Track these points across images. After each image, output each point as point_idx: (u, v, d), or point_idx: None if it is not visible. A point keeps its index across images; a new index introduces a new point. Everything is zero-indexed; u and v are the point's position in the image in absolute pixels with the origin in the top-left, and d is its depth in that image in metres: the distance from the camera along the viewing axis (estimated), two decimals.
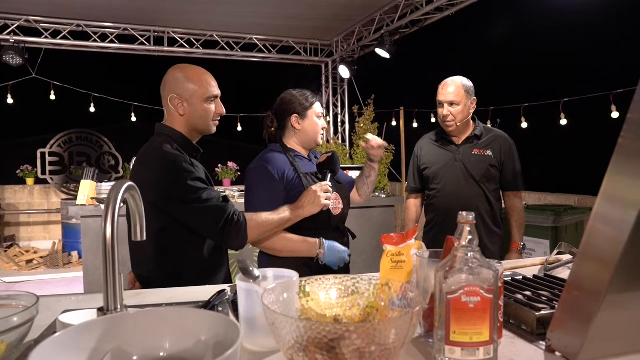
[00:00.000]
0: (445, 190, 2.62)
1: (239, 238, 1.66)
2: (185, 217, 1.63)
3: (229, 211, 1.64)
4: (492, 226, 2.63)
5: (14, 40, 6.24)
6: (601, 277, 0.83)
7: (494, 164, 2.59)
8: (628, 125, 0.81)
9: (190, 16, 6.31)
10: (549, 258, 1.71)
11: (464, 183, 2.58)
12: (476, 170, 2.57)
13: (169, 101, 1.71)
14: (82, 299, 1.39)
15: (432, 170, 2.68)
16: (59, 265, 6.53)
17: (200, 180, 1.64)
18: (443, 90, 2.59)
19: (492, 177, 2.60)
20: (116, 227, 0.88)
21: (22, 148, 9.71)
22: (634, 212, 0.77)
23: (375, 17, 6.35)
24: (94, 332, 0.75)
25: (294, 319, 0.75)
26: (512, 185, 2.66)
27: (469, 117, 2.62)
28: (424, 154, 2.75)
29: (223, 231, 1.62)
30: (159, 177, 1.60)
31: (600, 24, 10.71)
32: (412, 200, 2.85)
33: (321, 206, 1.80)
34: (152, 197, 1.54)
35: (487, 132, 2.68)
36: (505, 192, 2.69)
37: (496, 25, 12.00)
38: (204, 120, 1.74)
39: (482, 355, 0.83)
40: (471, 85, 2.60)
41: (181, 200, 1.60)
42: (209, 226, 1.63)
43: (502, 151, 2.61)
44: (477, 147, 2.61)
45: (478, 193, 2.58)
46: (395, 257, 1.10)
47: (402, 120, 6.92)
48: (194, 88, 1.70)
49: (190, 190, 1.59)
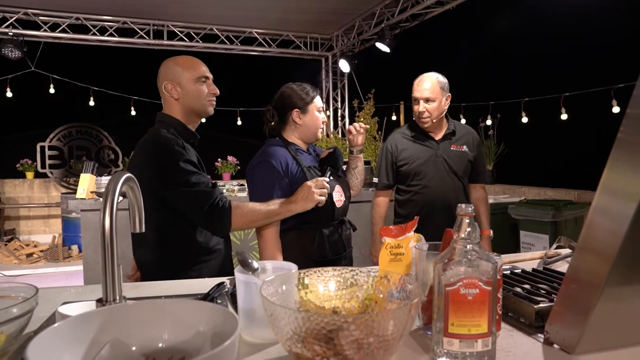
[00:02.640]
0: (430, 186, 2.63)
1: (223, 224, 1.68)
2: (173, 200, 1.65)
3: (215, 196, 1.66)
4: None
5: (13, 34, 6.22)
6: (600, 269, 0.83)
7: (470, 159, 2.68)
8: (627, 120, 0.81)
9: (190, 9, 6.29)
10: (548, 252, 1.71)
11: (447, 178, 2.63)
12: (457, 165, 2.64)
13: (163, 88, 1.78)
14: (81, 290, 1.39)
15: (413, 167, 2.67)
16: (58, 259, 6.54)
17: (190, 163, 1.66)
18: (418, 87, 2.59)
19: (468, 171, 2.70)
20: (115, 219, 0.88)
21: (21, 142, 9.71)
22: (633, 205, 0.77)
23: (376, 11, 6.33)
24: (92, 323, 0.75)
25: (292, 310, 0.75)
26: (480, 177, 2.79)
27: (443, 113, 2.65)
28: (401, 150, 2.72)
29: (207, 216, 1.64)
30: (151, 161, 1.66)
31: (601, 18, 10.68)
32: (383, 198, 2.82)
33: (315, 202, 1.78)
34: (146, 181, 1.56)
35: (460, 128, 2.74)
36: (473, 184, 2.78)
37: (497, 19, 11.96)
38: (198, 100, 1.79)
39: (480, 347, 0.83)
40: (446, 81, 2.62)
41: (171, 182, 1.63)
42: (195, 210, 1.65)
43: (474, 146, 2.71)
44: (454, 143, 2.68)
45: (458, 187, 2.65)
46: (394, 250, 1.10)
47: (402, 114, 6.92)
48: (184, 71, 1.77)
49: (180, 172, 1.62)
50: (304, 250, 1.87)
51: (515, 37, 13.09)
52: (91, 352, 0.72)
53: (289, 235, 1.88)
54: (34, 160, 8.31)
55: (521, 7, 12.33)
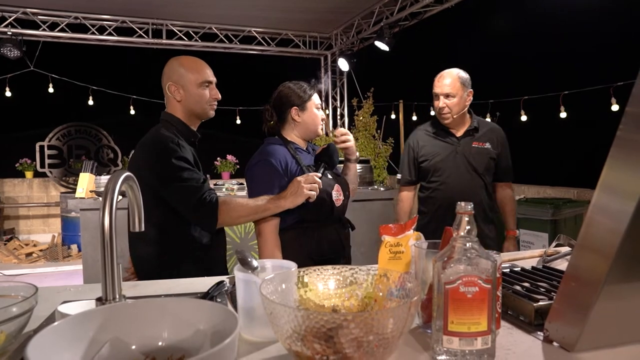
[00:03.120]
0: (448, 183, 2.61)
1: (211, 219, 1.71)
2: (167, 195, 1.69)
3: (203, 191, 1.69)
4: (492, 216, 2.69)
5: (12, 33, 6.20)
6: (599, 267, 0.83)
7: (493, 156, 2.63)
8: (626, 118, 0.81)
9: (189, 8, 6.28)
10: (548, 250, 1.71)
11: (467, 175, 2.59)
12: (478, 163, 2.60)
13: (167, 89, 1.82)
14: (81, 290, 1.39)
15: (432, 163, 2.66)
16: (58, 259, 6.53)
17: (184, 160, 1.70)
18: (439, 83, 2.58)
19: (491, 169, 2.64)
20: (114, 217, 0.88)
21: (20, 141, 9.69)
22: (632, 203, 0.77)
23: (375, 10, 6.32)
24: (92, 322, 0.75)
25: (292, 308, 0.75)
26: (506, 176, 2.73)
27: (465, 109, 2.62)
28: (422, 146, 2.72)
29: (195, 210, 1.68)
30: (149, 159, 1.71)
31: (600, 16, 10.68)
32: (407, 193, 2.83)
33: (305, 196, 1.77)
34: (145, 178, 1.62)
35: (483, 125, 2.72)
36: (499, 182, 2.74)
37: (496, 18, 11.96)
38: (200, 104, 1.83)
39: (480, 345, 0.83)
40: (467, 77, 2.60)
41: (165, 177, 1.67)
42: (184, 204, 1.69)
43: (498, 143, 2.66)
44: (476, 140, 2.64)
45: (479, 185, 2.61)
46: (393, 248, 1.10)
47: (401, 113, 6.91)
48: (188, 74, 1.80)
49: (172, 168, 1.67)
50: (302, 249, 1.87)
51: (515, 36, 13.09)
52: (91, 351, 0.73)
53: (288, 234, 1.88)
54: (33, 160, 8.30)
55: (520, 6, 12.32)
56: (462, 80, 2.56)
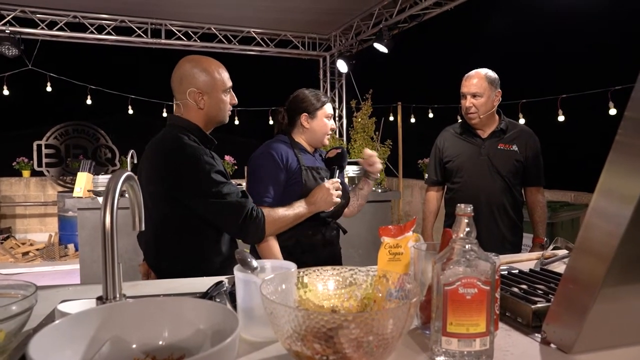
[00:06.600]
0: (469, 184, 2.57)
1: (257, 233, 1.70)
2: (203, 210, 1.64)
3: (248, 207, 1.66)
4: (516, 220, 2.61)
5: (10, 31, 6.19)
6: (597, 270, 0.84)
7: (519, 159, 2.55)
8: (625, 122, 0.82)
9: (188, 9, 6.27)
10: (545, 253, 1.72)
11: (489, 177, 2.54)
12: (502, 165, 2.54)
13: (188, 95, 1.70)
14: (80, 289, 1.39)
15: (455, 163, 2.63)
16: (55, 258, 6.52)
17: (221, 173, 1.65)
18: (466, 82, 2.56)
19: (517, 172, 2.56)
20: (115, 216, 0.88)
21: (18, 140, 9.67)
22: (630, 207, 0.78)
23: (374, 12, 6.33)
24: (93, 321, 0.75)
25: (292, 308, 0.76)
26: (536, 180, 2.63)
27: (493, 109, 2.58)
28: (447, 146, 2.69)
29: (242, 227, 1.65)
30: (177, 168, 1.61)
31: (599, 20, 10.72)
32: (433, 193, 2.81)
33: (333, 204, 1.85)
34: (168, 185, 1.60)
35: (513, 127, 2.64)
36: (528, 187, 2.66)
37: (494, 21, 11.99)
38: (222, 112, 1.77)
39: (479, 347, 0.84)
40: (496, 77, 2.56)
41: (202, 193, 1.61)
42: (229, 221, 1.66)
43: (527, 146, 2.58)
44: (502, 142, 2.58)
45: (503, 187, 2.54)
46: (392, 249, 1.10)
47: (399, 115, 6.92)
48: (213, 81, 1.71)
49: (211, 184, 1.61)
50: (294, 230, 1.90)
51: (513, 39, 13.14)
52: (92, 349, 0.73)
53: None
54: (30, 159, 8.27)
55: (519, 10, 12.37)
56: (490, 80, 2.53)
